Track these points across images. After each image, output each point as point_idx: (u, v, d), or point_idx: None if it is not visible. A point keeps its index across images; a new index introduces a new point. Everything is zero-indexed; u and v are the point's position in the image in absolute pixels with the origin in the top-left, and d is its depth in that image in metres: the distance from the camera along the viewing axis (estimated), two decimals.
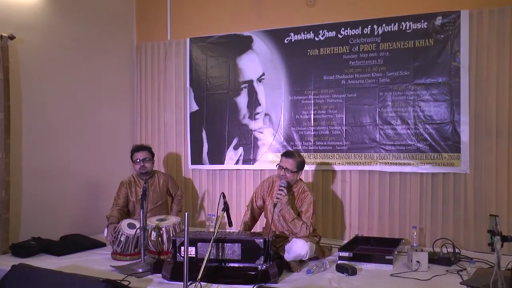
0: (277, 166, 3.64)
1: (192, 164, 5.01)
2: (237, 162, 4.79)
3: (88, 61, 4.71)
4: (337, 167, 4.41)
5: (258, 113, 4.73)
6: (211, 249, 2.88)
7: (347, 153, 4.36)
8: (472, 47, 3.93)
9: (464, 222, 3.98)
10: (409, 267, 3.33)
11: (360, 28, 4.30)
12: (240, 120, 4.79)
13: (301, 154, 3.89)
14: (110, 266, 3.39)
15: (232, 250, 3.10)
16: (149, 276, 3.18)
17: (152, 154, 4.29)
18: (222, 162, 4.86)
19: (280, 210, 3.47)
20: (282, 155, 3.69)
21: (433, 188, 4.08)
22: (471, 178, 3.94)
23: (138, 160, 4.16)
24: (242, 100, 4.79)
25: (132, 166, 4.29)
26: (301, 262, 3.40)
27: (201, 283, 2.83)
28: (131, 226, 3.72)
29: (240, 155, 4.78)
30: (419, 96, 4.11)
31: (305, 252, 3.34)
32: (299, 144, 4.53)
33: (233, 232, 3.53)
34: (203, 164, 4.95)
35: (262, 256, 3.05)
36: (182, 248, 3.06)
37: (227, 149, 4.84)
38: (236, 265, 3.09)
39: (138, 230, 3.55)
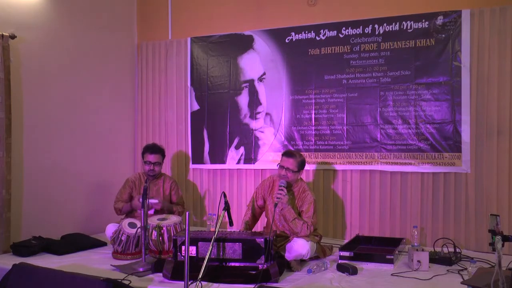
0: (278, 165, 3.63)
1: (193, 163, 5.01)
2: (238, 162, 4.80)
3: (89, 60, 4.72)
4: (338, 167, 4.40)
5: (259, 113, 4.73)
6: (212, 248, 2.88)
7: (348, 153, 4.36)
8: (473, 47, 3.93)
9: (465, 221, 3.98)
10: (410, 266, 3.33)
11: (361, 27, 4.30)
12: (241, 120, 4.79)
13: (302, 153, 3.88)
14: (111, 265, 3.39)
15: (233, 250, 3.10)
16: (150, 275, 3.18)
17: (163, 157, 4.24)
18: (223, 162, 4.86)
19: (281, 210, 3.46)
20: (282, 155, 3.68)
21: (434, 188, 4.08)
22: (472, 178, 3.94)
23: (148, 162, 4.12)
24: (243, 99, 4.79)
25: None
26: (301, 262, 3.41)
27: (202, 282, 2.83)
28: (132, 225, 3.72)
29: (241, 154, 4.78)
30: (420, 96, 4.10)
31: (306, 252, 3.34)
32: (300, 144, 4.53)
33: (234, 231, 3.53)
34: (204, 163, 4.95)
35: (263, 256, 3.05)
36: (183, 247, 3.06)
37: (228, 149, 4.84)
38: (237, 264, 3.09)
39: (139, 230, 3.55)
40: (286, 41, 4.59)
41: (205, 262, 2.80)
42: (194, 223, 4.97)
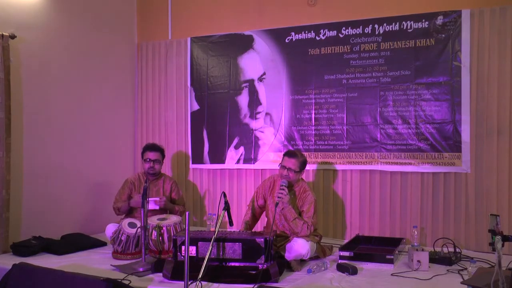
0: (280, 165, 3.63)
1: (193, 163, 5.01)
2: (238, 162, 4.80)
3: (89, 61, 4.72)
4: (338, 167, 4.40)
5: (259, 113, 4.73)
6: (211, 248, 2.88)
7: (348, 153, 4.36)
8: (473, 47, 3.93)
9: (465, 221, 3.98)
10: (410, 266, 3.33)
11: (361, 27, 4.30)
12: (241, 120, 4.79)
13: (303, 153, 3.88)
14: (111, 265, 3.39)
15: (233, 250, 3.10)
16: (150, 275, 3.18)
17: (163, 156, 4.26)
18: (223, 162, 4.86)
19: (282, 209, 3.46)
20: (284, 155, 3.68)
21: (434, 188, 4.08)
22: (472, 178, 3.94)
23: (148, 160, 4.13)
24: (243, 99, 4.79)
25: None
26: (301, 262, 3.41)
27: (202, 282, 2.83)
28: (132, 225, 3.72)
29: (241, 154, 4.78)
30: (420, 96, 4.10)
31: (305, 252, 3.34)
32: (300, 144, 4.53)
33: (234, 231, 3.53)
34: (204, 163, 4.95)
35: (263, 256, 3.05)
36: (183, 247, 3.06)
37: (228, 149, 4.84)
38: (236, 264, 3.09)
39: (139, 229, 3.55)
40: (286, 41, 4.59)
41: (205, 262, 2.80)
42: (194, 223, 4.97)
